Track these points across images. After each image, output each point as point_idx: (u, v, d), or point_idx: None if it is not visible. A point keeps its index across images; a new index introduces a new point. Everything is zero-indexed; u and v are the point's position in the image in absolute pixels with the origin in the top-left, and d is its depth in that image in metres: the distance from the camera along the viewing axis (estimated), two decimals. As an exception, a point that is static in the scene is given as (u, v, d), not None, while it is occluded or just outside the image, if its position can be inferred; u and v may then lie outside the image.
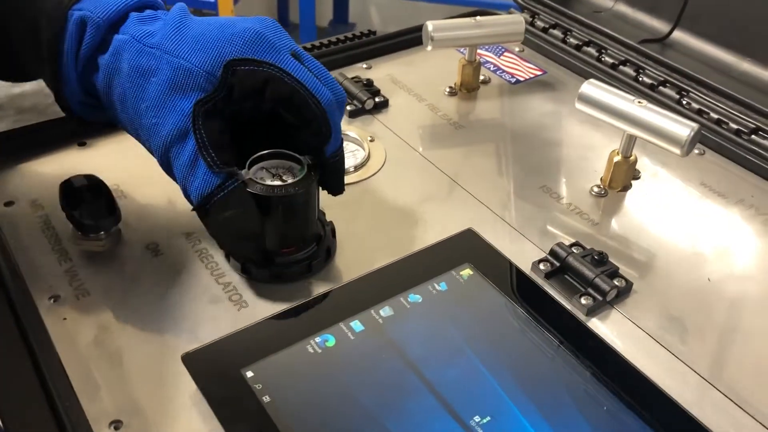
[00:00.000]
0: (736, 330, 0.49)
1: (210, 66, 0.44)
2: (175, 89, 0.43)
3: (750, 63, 0.72)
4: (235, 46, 0.44)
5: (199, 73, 0.43)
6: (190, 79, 0.43)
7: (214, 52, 0.44)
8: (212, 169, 0.43)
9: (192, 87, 0.44)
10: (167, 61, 0.44)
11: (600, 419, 0.41)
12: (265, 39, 0.44)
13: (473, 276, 0.50)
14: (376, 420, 0.40)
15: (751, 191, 0.61)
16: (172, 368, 0.44)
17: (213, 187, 0.44)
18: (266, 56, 0.44)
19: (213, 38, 0.44)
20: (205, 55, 0.43)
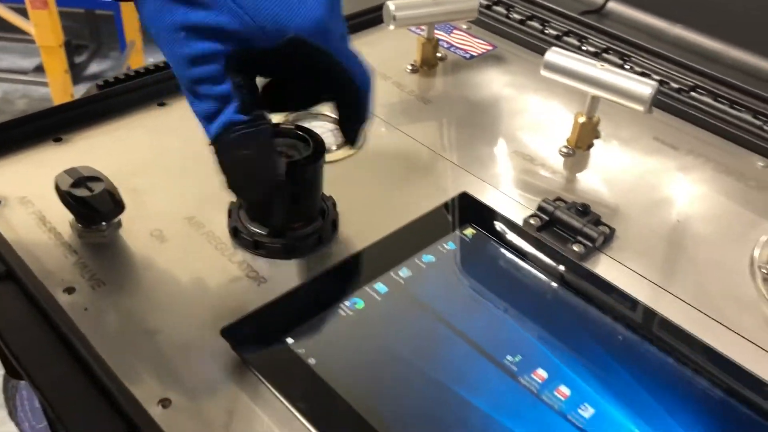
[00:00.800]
0: (706, 259, 0.55)
1: (273, 35, 0.42)
2: (226, 35, 0.42)
3: (681, 28, 0.79)
4: (301, 27, 0.42)
5: (258, 35, 0.42)
6: (246, 35, 0.42)
7: (281, 25, 0.42)
8: (243, 109, 0.43)
9: (245, 40, 0.42)
10: (226, 5, 0.41)
11: (616, 347, 0.46)
12: (326, 27, 0.43)
13: (477, 234, 0.54)
14: (417, 368, 0.43)
15: (698, 142, 0.68)
16: (208, 344, 0.45)
17: (239, 122, 0.43)
18: (324, 43, 0.43)
19: (281, 4, 0.42)
20: (273, 22, 0.41)
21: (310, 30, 0.42)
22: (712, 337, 0.48)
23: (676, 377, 0.44)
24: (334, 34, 0.44)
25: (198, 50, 0.42)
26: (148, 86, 0.67)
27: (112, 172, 0.57)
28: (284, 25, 0.42)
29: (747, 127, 0.68)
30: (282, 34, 0.42)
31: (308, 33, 0.42)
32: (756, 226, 0.59)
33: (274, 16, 0.42)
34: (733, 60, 0.76)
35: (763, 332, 0.50)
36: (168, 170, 0.60)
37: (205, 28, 0.41)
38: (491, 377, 0.43)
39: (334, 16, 0.44)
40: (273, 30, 0.42)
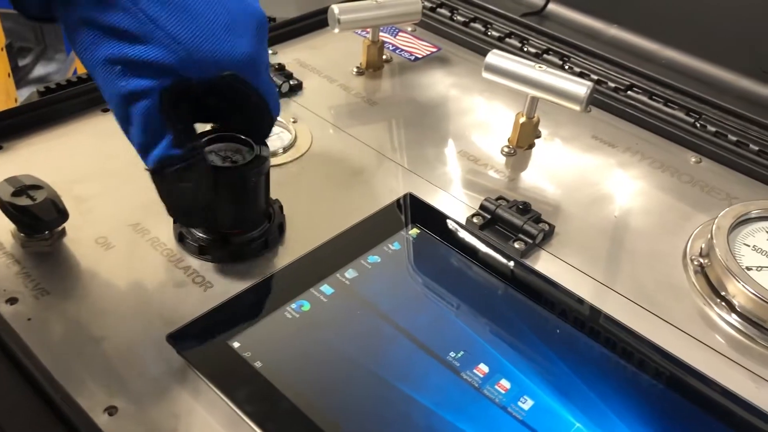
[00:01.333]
0: (643, 253, 0.57)
1: (209, 71, 0.42)
2: (159, 67, 0.41)
3: (617, 29, 0.82)
4: (234, 62, 0.43)
5: (194, 71, 0.42)
6: (180, 68, 0.42)
7: (216, 60, 0.42)
8: (178, 143, 0.43)
9: (179, 72, 0.42)
10: (162, 41, 0.41)
11: (555, 340, 0.47)
12: (254, 61, 0.44)
13: (420, 234, 0.55)
14: (362, 366, 0.44)
15: (635, 140, 0.70)
16: (153, 351, 0.46)
17: (174, 158, 0.44)
18: (252, 79, 0.45)
19: (218, 39, 0.42)
20: (208, 56, 0.42)
21: (242, 65, 0.43)
22: (648, 329, 0.50)
23: (613, 369, 0.46)
24: (261, 67, 0.46)
25: (133, 87, 0.42)
26: (91, 92, 0.66)
27: (55, 180, 0.56)
28: (221, 60, 0.43)
29: (680, 125, 0.71)
30: (219, 69, 0.43)
31: (242, 68, 0.43)
32: (689, 219, 0.61)
33: (212, 52, 0.42)
34: (667, 59, 0.79)
35: (694, 323, 0.52)
36: (112, 177, 0.59)
37: (141, 63, 0.41)
38: (434, 373, 0.44)
39: (263, 49, 0.46)
40: (210, 65, 0.42)
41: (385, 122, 0.71)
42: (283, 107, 0.70)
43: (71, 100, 0.66)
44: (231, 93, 0.45)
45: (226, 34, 0.43)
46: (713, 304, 0.54)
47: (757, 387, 0.47)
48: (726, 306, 0.53)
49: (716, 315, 0.53)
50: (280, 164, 0.63)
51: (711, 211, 0.62)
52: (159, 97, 0.42)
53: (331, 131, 0.68)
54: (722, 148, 0.68)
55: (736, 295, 0.52)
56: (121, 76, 0.42)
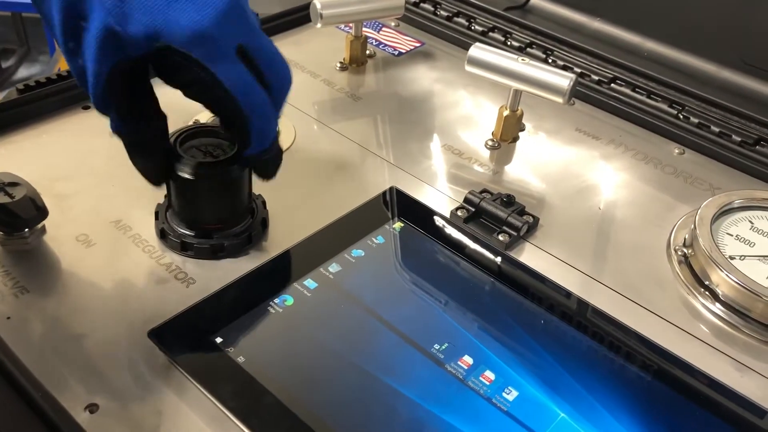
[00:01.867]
0: (627, 244, 0.58)
1: (141, 40, 0.39)
2: (102, 45, 0.40)
3: (600, 22, 0.82)
4: (173, 35, 0.39)
5: (128, 41, 0.39)
6: (118, 42, 0.40)
7: (149, 29, 0.39)
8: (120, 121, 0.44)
9: (120, 48, 0.40)
10: (100, 16, 0.39)
11: (539, 331, 0.47)
12: (207, 38, 0.40)
13: (405, 227, 0.55)
14: (348, 361, 0.44)
15: (618, 132, 0.71)
16: (136, 347, 0.45)
17: (121, 134, 0.45)
18: (203, 57, 0.40)
19: (155, 11, 0.39)
20: (139, 27, 0.39)
21: (185, 40, 0.39)
22: (633, 320, 0.50)
23: (597, 359, 0.46)
24: (218, 46, 0.40)
25: (74, 67, 0.42)
26: (72, 89, 0.66)
27: (35, 178, 0.56)
28: (154, 30, 0.39)
29: (663, 116, 0.71)
30: (151, 40, 0.39)
31: (184, 43, 0.39)
32: (672, 210, 0.62)
33: (142, 20, 0.39)
34: (649, 52, 0.79)
35: (679, 312, 0.52)
36: (93, 174, 0.59)
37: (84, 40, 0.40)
38: (419, 366, 0.44)
39: (225, 24, 0.40)
40: (141, 36, 0.39)
41: (369, 117, 0.71)
42: (266, 103, 0.70)
43: (51, 97, 0.65)
44: (182, 78, 0.42)
45: (172, 5, 0.39)
46: (697, 293, 0.54)
47: (741, 375, 0.48)
48: (710, 295, 0.53)
49: (700, 304, 0.53)
50: (264, 160, 0.62)
51: (694, 201, 0.62)
52: (101, 74, 0.41)
53: (314, 127, 0.68)
54: (705, 139, 0.69)
55: (720, 284, 0.52)
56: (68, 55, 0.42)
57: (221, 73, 0.41)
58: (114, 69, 0.41)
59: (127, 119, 0.44)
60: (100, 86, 0.42)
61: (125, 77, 0.42)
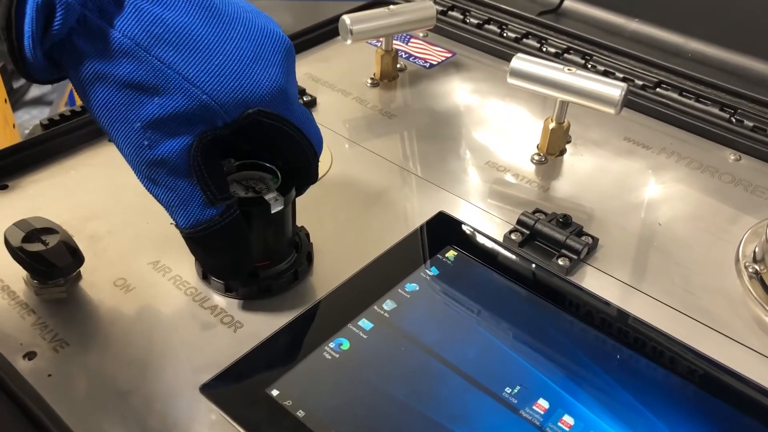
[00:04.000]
0: (692, 262, 0.54)
1: (233, 110, 0.39)
2: (183, 119, 0.39)
3: (638, 23, 0.79)
4: (261, 97, 0.40)
5: (218, 111, 0.39)
6: (206, 114, 0.39)
7: (240, 97, 0.39)
8: (212, 202, 0.41)
9: (202, 120, 0.39)
10: (181, 86, 0.38)
11: (615, 368, 0.44)
12: (283, 92, 0.41)
13: (458, 256, 0.51)
14: (413, 409, 0.41)
15: (669, 140, 0.67)
16: (187, 402, 0.42)
17: (208, 219, 0.41)
18: (283, 111, 0.41)
19: (239, 76, 0.39)
20: (230, 95, 0.39)
21: (270, 99, 0.40)
22: (708, 345, 0.47)
23: (679, 393, 0.43)
24: (292, 99, 0.42)
25: (158, 153, 0.39)
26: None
27: (66, 218, 0.53)
28: (244, 97, 0.39)
29: (715, 121, 0.68)
30: (243, 108, 0.39)
31: (269, 102, 0.40)
32: (736, 222, 0.58)
33: (233, 90, 0.39)
34: (694, 52, 0.75)
35: (754, 334, 0.49)
36: (126, 211, 0.56)
37: (161, 117, 0.38)
38: (491, 413, 0.41)
39: (292, 79, 0.42)
40: (233, 105, 0.39)
41: (405, 135, 0.68)
42: (298, 125, 0.68)
43: (76, 131, 0.62)
44: (262, 132, 0.41)
45: (249, 67, 0.39)
46: (772, 312, 0.50)
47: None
48: (787, 315, 0.50)
49: (776, 324, 0.50)
50: (301, 187, 0.60)
51: (758, 211, 0.59)
52: (186, 154, 0.39)
53: (350, 148, 0.65)
54: (762, 143, 0.65)
55: (800, 303, 0.49)
56: (143, 134, 0.39)
57: (298, 119, 0.42)
58: (201, 140, 0.40)
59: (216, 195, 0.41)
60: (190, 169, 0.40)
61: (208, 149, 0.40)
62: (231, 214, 0.42)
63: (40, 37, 0.37)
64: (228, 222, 0.42)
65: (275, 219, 0.47)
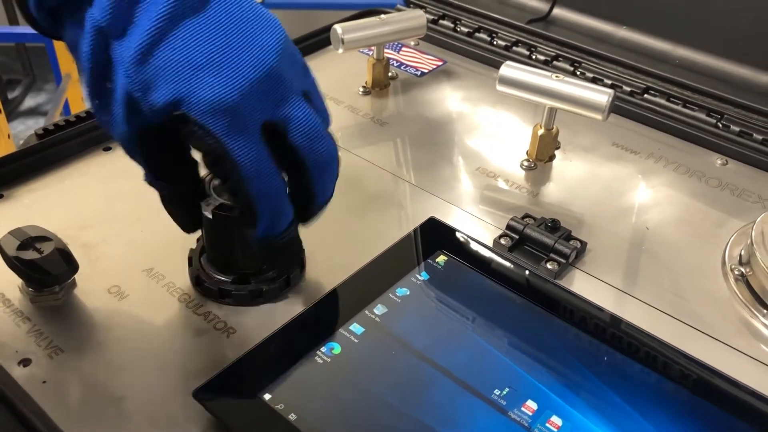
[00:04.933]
0: (680, 265, 0.55)
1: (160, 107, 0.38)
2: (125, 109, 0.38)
3: (626, 30, 0.80)
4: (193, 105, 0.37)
5: (146, 108, 0.38)
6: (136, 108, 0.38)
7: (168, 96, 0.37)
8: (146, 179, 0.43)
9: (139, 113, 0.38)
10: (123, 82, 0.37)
11: (602, 369, 0.45)
12: (230, 113, 0.37)
13: (449, 261, 0.52)
14: (403, 413, 0.41)
15: (657, 145, 0.68)
16: (180, 407, 0.43)
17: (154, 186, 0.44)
18: (224, 134, 0.37)
19: (177, 79, 0.37)
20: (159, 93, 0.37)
21: (202, 111, 0.37)
22: (695, 346, 0.47)
23: (668, 395, 0.43)
24: (241, 126, 0.37)
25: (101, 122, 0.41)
26: (92, 131, 0.64)
27: (60, 227, 0.54)
28: (173, 97, 0.37)
29: (702, 126, 0.69)
30: (169, 108, 0.37)
31: (200, 114, 0.37)
32: (723, 225, 0.59)
33: (162, 87, 0.37)
34: (681, 59, 0.77)
35: (741, 336, 0.50)
36: (120, 220, 0.57)
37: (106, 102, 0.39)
38: (481, 415, 0.41)
39: (253, 107, 0.38)
40: (160, 103, 0.37)
41: (397, 142, 0.68)
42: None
43: (71, 140, 0.63)
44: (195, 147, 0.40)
45: (196, 71, 0.36)
46: (758, 314, 0.51)
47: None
48: (773, 316, 0.51)
49: (762, 325, 0.50)
50: (294, 194, 0.60)
51: (744, 215, 0.60)
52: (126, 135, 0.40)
53: (342, 156, 0.65)
54: (748, 148, 0.66)
55: (785, 305, 0.50)
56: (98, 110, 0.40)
57: (236, 151, 0.38)
58: (137, 132, 0.40)
59: (158, 174, 0.42)
60: (126, 144, 0.41)
61: (151, 137, 0.40)
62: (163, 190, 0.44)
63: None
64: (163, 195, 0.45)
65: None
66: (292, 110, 0.40)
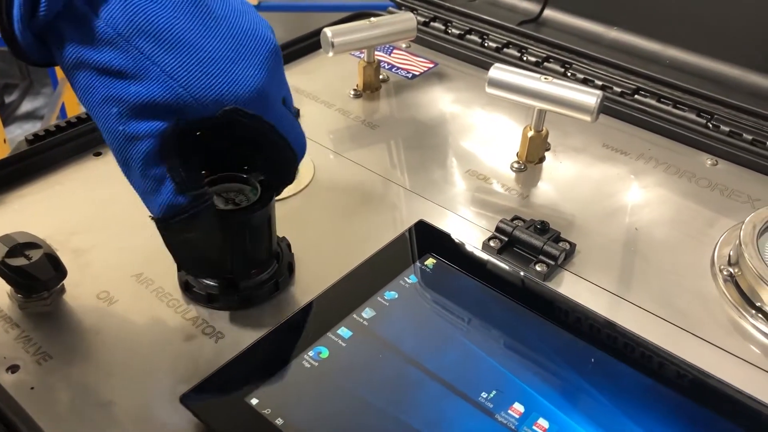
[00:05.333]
0: (669, 266, 0.55)
1: (208, 105, 0.40)
2: (159, 108, 0.39)
3: (617, 31, 0.80)
4: (238, 96, 0.40)
5: (193, 105, 0.39)
6: (181, 106, 0.39)
7: (216, 94, 0.40)
8: (182, 190, 0.41)
9: (179, 112, 0.40)
10: (158, 78, 0.39)
11: (590, 372, 0.45)
12: (264, 94, 0.41)
13: (437, 264, 0.52)
14: (391, 416, 0.42)
15: (647, 145, 0.68)
16: (168, 412, 0.43)
17: (179, 207, 0.41)
18: (262, 112, 0.41)
19: (218, 73, 0.40)
20: (206, 92, 0.39)
21: (247, 99, 0.40)
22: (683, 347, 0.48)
23: (653, 396, 0.43)
24: (273, 100, 0.42)
25: (130, 130, 0.40)
26: (82, 136, 0.64)
27: (50, 232, 0.54)
28: (221, 95, 0.40)
29: (692, 126, 0.69)
30: (219, 105, 0.40)
31: (246, 102, 0.40)
32: (713, 225, 0.59)
33: (210, 87, 0.39)
34: (671, 59, 0.77)
35: (729, 336, 0.50)
36: (110, 225, 0.57)
37: (137, 105, 0.39)
38: (468, 418, 0.41)
39: (275, 81, 0.42)
40: (209, 101, 0.39)
41: (387, 145, 0.68)
42: (281, 137, 0.68)
43: (61, 146, 0.63)
44: (241, 131, 0.42)
45: (229, 65, 0.40)
46: (747, 314, 0.51)
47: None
48: (761, 316, 0.51)
49: (750, 326, 0.51)
50: (283, 198, 0.60)
51: (734, 215, 0.60)
52: (158, 140, 0.40)
53: (333, 159, 0.66)
54: (738, 148, 0.66)
55: (773, 305, 0.50)
56: (118, 119, 0.40)
57: (277, 122, 0.42)
58: (175, 129, 0.40)
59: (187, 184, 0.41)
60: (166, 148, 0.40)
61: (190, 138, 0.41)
62: (202, 202, 0.42)
63: (28, 21, 0.38)
64: (198, 211, 0.42)
65: (256, 230, 0.48)
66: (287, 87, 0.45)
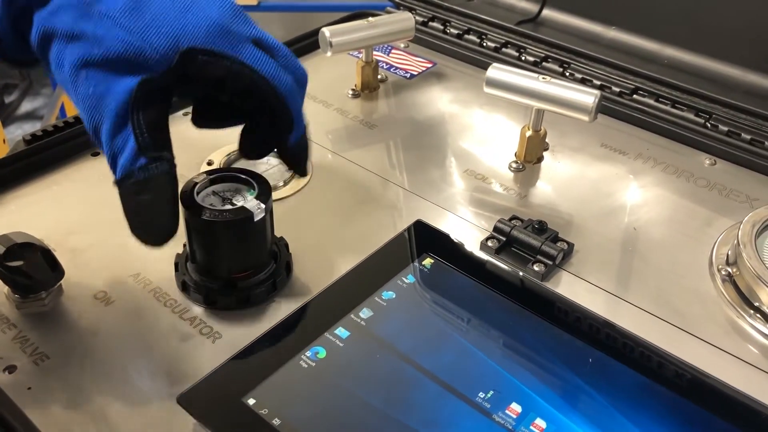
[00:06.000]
0: (667, 265, 0.55)
1: (165, 49, 0.40)
2: (122, 65, 0.40)
3: (615, 31, 0.80)
4: (194, 35, 0.40)
5: (151, 54, 0.39)
6: (140, 58, 0.40)
7: (171, 37, 0.40)
8: (141, 150, 0.40)
9: (140, 66, 0.40)
10: (118, 35, 0.39)
11: (588, 372, 0.45)
12: (225, 30, 0.41)
13: (435, 264, 0.52)
14: (388, 416, 0.42)
15: (645, 145, 0.68)
16: (164, 414, 0.43)
17: (137, 167, 0.41)
18: (226, 48, 0.41)
19: (171, 21, 0.40)
20: (162, 37, 0.39)
21: (204, 36, 0.40)
22: (681, 348, 0.47)
23: (652, 397, 0.43)
24: (239, 38, 0.41)
25: (99, 91, 0.40)
26: (79, 136, 0.64)
27: (48, 232, 0.54)
28: (176, 38, 0.39)
29: (690, 126, 0.69)
30: (175, 48, 0.39)
31: (204, 40, 0.40)
32: (711, 225, 0.59)
33: (166, 33, 0.39)
34: (669, 59, 0.76)
35: (727, 336, 0.50)
36: (107, 225, 0.56)
37: (102, 61, 0.39)
38: (465, 417, 0.41)
39: (239, 21, 0.42)
40: (167, 48, 0.39)
41: (386, 145, 0.68)
42: (279, 137, 0.68)
43: (58, 146, 0.63)
44: (208, 74, 0.41)
45: (183, 13, 0.40)
46: (745, 314, 0.51)
47: (802, 403, 0.45)
48: (760, 317, 0.50)
49: (749, 326, 0.50)
50: (281, 198, 0.60)
51: (732, 214, 0.60)
52: (124, 96, 0.40)
53: (331, 159, 0.66)
54: (736, 148, 0.66)
55: (770, 305, 0.50)
56: (86, 82, 0.40)
57: (247, 58, 0.41)
58: (140, 87, 0.40)
59: (158, 145, 0.41)
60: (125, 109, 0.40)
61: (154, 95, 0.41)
62: (160, 166, 0.41)
63: (4, 11, 0.40)
64: (150, 175, 0.41)
65: (254, 230, 0.48)
66: (269, 38, 0.44)
